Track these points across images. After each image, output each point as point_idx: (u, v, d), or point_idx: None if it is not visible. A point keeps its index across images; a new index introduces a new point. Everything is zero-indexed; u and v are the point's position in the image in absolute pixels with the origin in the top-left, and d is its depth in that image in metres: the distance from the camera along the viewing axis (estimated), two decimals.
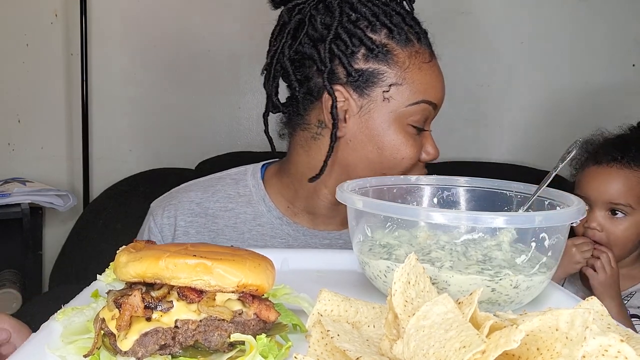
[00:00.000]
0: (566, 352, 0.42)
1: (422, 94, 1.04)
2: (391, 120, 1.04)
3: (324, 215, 1.14)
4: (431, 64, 1.08)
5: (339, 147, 1.06)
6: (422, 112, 1.05)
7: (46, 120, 2.48)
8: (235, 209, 1.15)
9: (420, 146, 1.07)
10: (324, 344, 0.53)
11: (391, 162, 1.04)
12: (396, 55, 1.04)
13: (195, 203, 1.15)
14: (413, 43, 1.06)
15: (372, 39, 1.03)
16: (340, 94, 1.04)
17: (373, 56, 1.03)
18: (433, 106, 1.07)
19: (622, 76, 2.61)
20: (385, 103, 1.03)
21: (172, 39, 2.48)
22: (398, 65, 1.04)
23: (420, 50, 1.07)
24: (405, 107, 1.04)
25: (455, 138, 2.62)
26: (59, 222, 2.47)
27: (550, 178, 0.86)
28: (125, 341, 0.54)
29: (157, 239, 1.13)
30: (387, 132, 1.04)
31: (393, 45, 1.04)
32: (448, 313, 0.47)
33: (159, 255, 0.56)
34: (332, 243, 1.15)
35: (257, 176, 1.18)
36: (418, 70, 1.05)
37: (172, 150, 2.51)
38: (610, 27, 2.58)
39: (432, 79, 1.07)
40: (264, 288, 0.58)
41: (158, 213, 1.15)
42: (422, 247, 0.78)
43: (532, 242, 0.75)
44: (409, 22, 1.07)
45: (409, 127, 1.05)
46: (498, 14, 2.56)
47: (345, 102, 1.04)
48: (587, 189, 1.58)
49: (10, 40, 2.41)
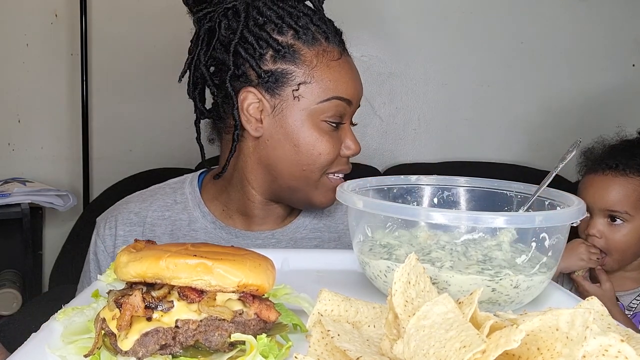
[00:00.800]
0: (566, 352, 0.42)
1: (332, 90, 1.06)
2: (304, 118, 1.07)
3: (257, 216, 1.17)
4: (340, 61, 1.09)
5: (259, 147, 1.10)
6: (336, 108, 1.07)
7: (46, 120, 2.48)
8: (172, 216, 1.19)
9: (337, 141, 1.09)
10: (324, 343, 0.53)
11: (309, 159, 1.07)
12: (303, 54, 1.07)
13: (133, 213, 1.19)
14: (320, 42, 1.08)
15: (279, 41, 1.07)
16: (253, 95, 1.08)
17: (280, 57, 1.06)
18: (346, 102, 1.08)
19: (622, 76, 2.61)
20: (296, 101, 1.06)
21: (172, 39, 2.47)
22: (305, 64, 1.07)
23: (328, 49, 1.08)
24: (316, 105, 1.06)
25: (455, 138, 2.63)
26: (59, 222, 2.48)
27: (551, 178, 0.86)
28: (125, 341, 0.54)
29: (100, 249, 1.18)
30: (302, 130, 1.07)
31: (300, 45, 1.07)
32: (448, 313, 0.47)
33: (159, 255, 0.56)
34: (265, 243, 1.17)
35: (194, 184, 1.23)
36: (326, 68, 1.07)
37: (172, 150, 2.51)
38: (610, 27, 2.58)
39: (342, 75, 1.08)
40: (264, 288, 0.58)
41: (101, 225, 1.21)
42: (422, 247, 0.78)
43: (532, 242, 0.75)
44: (316, 22, 1.09)
45: (324, 123, 1.07)
46: (498, 14, 2.57)
47: (259, 103, 1.08)
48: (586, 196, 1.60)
49: (10, 40, 2.42)
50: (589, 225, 1.59)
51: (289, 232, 1.19)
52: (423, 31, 2.54)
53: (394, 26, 2.44)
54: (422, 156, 2.60)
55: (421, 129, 2.61)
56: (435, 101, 2.60)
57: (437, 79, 2.59)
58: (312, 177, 1.08)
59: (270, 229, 1.19)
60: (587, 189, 1.62)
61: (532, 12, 2.57)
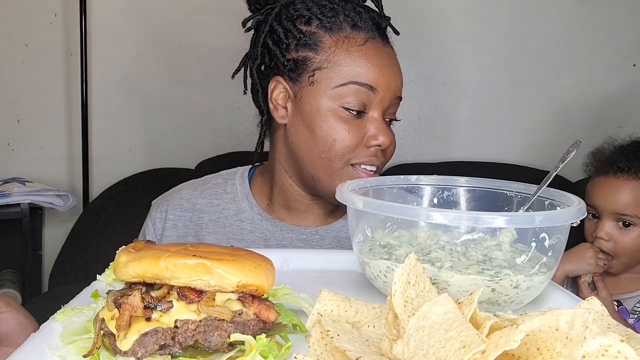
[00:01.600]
0: (566, 352, 0.42)
1: (350, 75, 1.06)
2: (321, 104, 1.07)
3: (298, 210, 1.19)
4: (364, 47, 1.07)
5: (287, 135, 1.13)
6: (355, 94, 1.06)
7: (46, 120, 2.48)
8: (220, 204, 1.22)
9: (359, 130, 1.07)
10: (324, 344, 0.53)
11: (324, 146, 1.07)
12: (323, 41, 1.08)
13: (185, 199, 1.23)
14: (344, 29, 1.08)
15: (302, 30, 1.09)
16: (280, 84, 1.11)
17: (302, 45, 1.09)
18: (367, 88, 1.06)
19: (622, 76, 2.61)
20: (312, 87, 1.08)
21: (172, 39, 2.48)
22: (324, 51, 1.08)
23: (352, 35, 1.08)
24: (331, 90, 1.06)
25: (455, 138, 2.63)
26: (59, 222, 2.48)
27: (551, 178, 0.86)
28: (124, 341, 0.54)
29: (150, 231, 1.23)
30: (317, 115, 1.07)
31: (321, 33, 1.08)
32: (448, 313, 0.47)
33: (158, 255, 0.56)
34: (308, 238, 1.19)
35: (244, 176, 1.26)
36: (345, 53, 1.07)
37: (172, 150, 2.51)
38: (610, 28, 2.58)
39: (364, 60, 1.07)
40: (263, 288, 0.58)
41: (154, 208, 1.25)
42: (422, 247, 0.78)
43: (532, 242, 0.75)
44: (348, 12, 1.09)
45: (343, 110, 1.06)
46: (498, 14, 2.57)
47: (285, 91, 1.11)
48: (595, 199, 1.59)
49: (10, 40, 2.41)
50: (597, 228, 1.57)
51: (334, 230, 1.20)
52: (423, 31, 2.54)
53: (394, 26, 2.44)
54: (422, 156, 2.60)
55: (421, 129, 2.61)
56: (435, 101, 2.60)
57: (437, 79, 2.58)
58: (333, 166, 1.07)
59: (315, 225, 1.20)
60: (597, 191, 1.60)
61: (532, 12, 2.57)
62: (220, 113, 2.51)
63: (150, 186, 2.25)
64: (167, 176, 2.29)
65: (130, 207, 2.21)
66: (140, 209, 1.33)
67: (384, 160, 1.12)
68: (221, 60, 2.45)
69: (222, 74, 2.48)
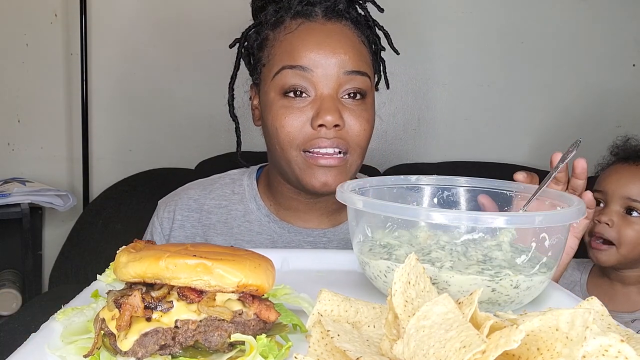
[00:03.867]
0: (566, 352, 0.42)
1: (281, 61, 1.06)
2: (267, 97, 1.08)
3: (298, 210, 1.18)
4: (296, 31, 1.06)
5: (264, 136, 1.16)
6: (291, 78, 1.04)
7: (46, 120, 2.48)
8: (228, 206, 1.21)
9: (299, 114, 1.04)
10: (324, 344, 0.53)
11: (275, 136, 1.06)
12: (267, 39, 1.11)
13: (193, 200, 1.22)
14: (284, 21, 1.09)
15: (260, 35, 1.12)
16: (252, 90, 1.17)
17: (256, 48, 1.13)
18: (299, 69, 1.03)
19: (622, 76, 2.61)
20: (260, 84, 1.12)
21: (172, 39, 2.48)
22: (267, 48, 1.10)
23: (288, 24, 1.08)
24: (271, 81, 1.07)
25: (455, 138, 2.63)
26: (59, 222, 2.48)
27: (551, 178, 0.86)
28: (125, 341, 0.54)
29: (157, 231, 1.21)
30: (266, 109, 1.09)
31: (268, 32, 1.11)
32: (448, 313, 0.47)
33: (159, 255, 0.56)
34: (316, 241, 1.18)
35: (252, 177, 1.25)
36: (279, 43, 1.08)
37: (172, 150, 2.51)
38: (610, 28, 2.58)
39: (293, 44, 1.05)
40: (264, 288, 0.58)
41: (161, 208, 1.24)
42: (422, 247, 0.78)
43: (532, 242, 0.75)
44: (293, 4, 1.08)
45: (283, 97, 1.05)
46: (498, 14, 2.56)
47: (255, 96, 1.16)
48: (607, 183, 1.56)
49: (10, 40, 2.41)
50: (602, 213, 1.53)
51: (341, 232, 1.20)
52: (423, 31, 2.54)
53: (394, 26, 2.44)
54: (422, 156, 2.60)
55: (421, 129, 2.61)
56: (435, 101, 2.60)
57: (437, 79, 2.58)
58: (289, 157, 1.05)
59: (322, 227, 1.20)
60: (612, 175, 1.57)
61: (532, 12, 2.57)
62: (220, 113, 2.49)
63: (150, 186, 2.25)
64: (167, 176, 2.29)
65: (130, 207, 2.21)
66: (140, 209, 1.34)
67: (344, 142, 1.04)
68: (221, 61, 2.44)
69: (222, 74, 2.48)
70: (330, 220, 1.20)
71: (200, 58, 2.47)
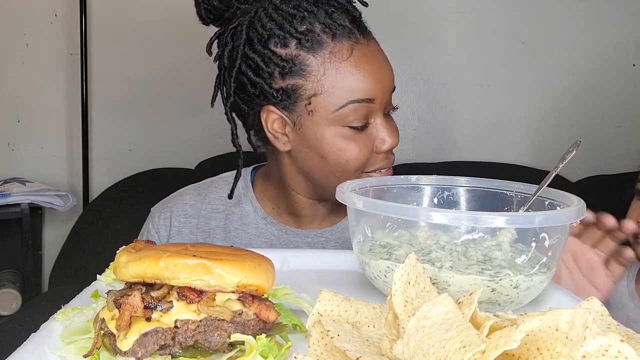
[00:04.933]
0: (566, 352, 0.42)
1: (346, 95, 1.01)
2: (324, 129, 1.02)
3: (305, 216, 1.18)
4: (352, 58, 1.01)
5: (292, 159, 1.09)
6: (356, 112, 1.01)
7: (46, 120, 2.48)
8: (226, 210, 1.20)
9: (367, 141, 1.04)
10: (324, 344, 0.53)
11: (338, 167, 1.04)
12: (309, 64, 1.01)
13: (189, 205, 1.20)
14: (326, 44, 1.01)
15: (282, 55, 1.01)
16: (273, 113, 1.05)
17: (287, 72, 1.02)
18: (367, 102, 1.02)
19: (622, 76, 2.61)
20: (311, 115, 1.02)
21: (172, 39, 2.48)
22: (313, 75, 1.01)
23: (336, 49, 1.01)
24: (332, 114, 1.01)
25: (455, 138, 2.63)
26: (59, 222, 2.48)
27: (551, 178, 0.86)
28: (125, 341, 0.54)
29: (154, 238, 1.19)
30: (323, 141, 1.03)
31: (304, 55, 1.01)
32: (448, 313, 0.47)
33: (158, 255, 0.56)
34: (314, 241, 1.18)
35: (246, 179, 1.22)
36: (336, 72, 1.01)
37: (172, 150, 2.51)
38: (610, 28, 2.58)
39: (355, 75, 1.01)
40: (264, 288, 0.58)
41: (156, 215, 1.22)
42: (422, 247, 0.78)
43: (532, 242, 0.75)
44: (322, 18, 1.02)
45: (346, 129, 1.02)
46: (498, 14, 2.56)
47: (280, 119, 1.05)
48: None
49: (10, 40, 2.41)
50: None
51: (338, 231, 1.19)
52: (423, 31, 2.54)
53: (393, 26, 2.44)
54: (422, 156, 2.60)
55: (421, 129, 2.61)
56: (435, 101, 2.60)
57: (437, 79, 2.58)
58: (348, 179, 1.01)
59: (320, 227, 1.19)
60: None
61: (532, 12, 2.57)
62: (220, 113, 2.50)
63: (150, 186, 2.25)
64: (167, 176, 2.29)
65: (130, 207, 2.21)
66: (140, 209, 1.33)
67: (393, 157, 1.09)
68: None
69: None
70: (327, 220, 1.20)
71: (200, 58, 2.46)
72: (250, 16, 1.04)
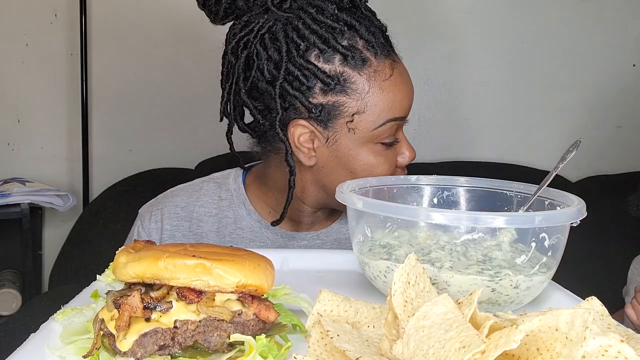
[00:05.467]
0: (566, 352, 0.42)
1: (386, 113, 1.03)
2: (360, 146, 1.03)
3: (305, 222, 1.17)
4: (392, 78, 1.04)
5: (313, 172, 1.07)
6: (391, 129, 1.04)
7: (46, 120, 2.48)
8: (219, 214, 1.17)
9: (393, 156, 1.07)
10: (324, 344, 0.53)
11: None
12: (354, 82, 1.01)
13: (180, 207, 1.17)
14: (370, 62, 1.02)
15: (326, 72, 1.00)
16: (303, 127, 1.03)
17: (331, 89, 1.00)
18: (401, 119, 1.06)
19: (623, 76, 2.61)
20: (351, 133, 1.02)
21: (172, 39, 2.48)
22: (357, 93, 1.01)
23: (379, 68, 1.02)
24: (371, 132, 1.02)
25: (455, 138, 2.63)
26: (59, 222, 2.48)
27: (551, 178, 0.86)
28: (124, 342, 0.54)
29: None
30: (357, 157, 1.03)
31: (349, 72, 1.00)
32: (448, 313, 0.47)
33: (158, 255, 0.56)
34: (310, 244, 1.17)
35: (238, 180, 1.19)
36: (379, 92, 1.02)
37: (172, 150, 2.51)
38: (610, 27, 2.58)
39: (395, 94, 1.04)
40: (263, 288, 0.58)
41: (146, 218, 1.18)
42: (422, 248, 0.78)
43: (532, 242, 0.75)
44: (363, 34, 1.01)
45: (379, 145, 1.04)
46: (498, 14, 2.56)
47: (311, 134, 1.03)
48: None
49: (10, 40, 2.41)
50: None
51: (333, 232, 1.19)
52: (423, 31, 2.54)
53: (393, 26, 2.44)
54: (422, 156, 2.58)
55: (421, 129, 2.61)
56: (435, 101, 2.60)
57: (437, 79, 2.58)
58: None
59: (315, 230, 1.18)
60: None
61: (532, 12, 2.57)
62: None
63: (150, 186, 2.24)
64: (167, 176, 2.29)
65: (130, 207, 2.19)
66: None
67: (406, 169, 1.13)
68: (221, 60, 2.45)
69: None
70: (322, 224, 1.19)
71: (200, 58, 2.47)
72: (282, 23, 1.01)
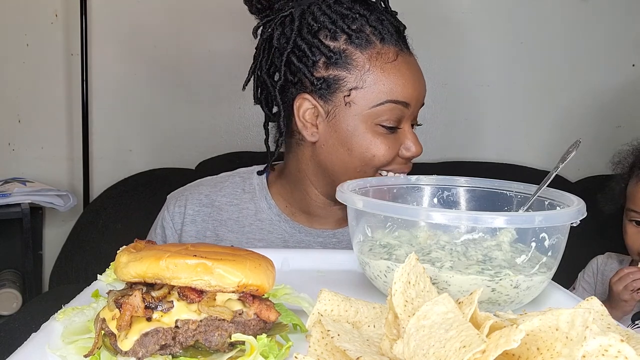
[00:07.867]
0: (566, 352, 0.42)
1: (386, 94, 1.06)
2: (357, 123, 1.06)
3: (318, 215, 1.20)
4: (396, 62, 1.08)
5: (317, 151, 1.11)
6: (391, 112, 1.06)
7: (46, 120, 2.48)
8: (240, 204, 1.22)
9: (394, 143, 1.08)
10: (324, 343, 0.53)
11: (362, 161, 1.07)
12: (355, 59, 1.06)
13: (204, 195, 1.23)
14: (374, 44, 1.07)
15: (330, 47, 1.06)
16: (308, 101, 1.09)
17: (332, 63, 1.07)
18: (402, 105, 1.07)
19: (622, 76, 2.61)
20: (348, 107, 1.07)
21: (172, 39, 2.48)
22: (357, 69, 1.06)
23: (383, 51, 1.07)
24: (369, 109, 1.06)
25: (455, 138, 2.63)
26: (59, 222, 2.47)
27: (551, 178, 0.86)
28: (125, 341, 0.54)
29: (168, 225, 1.22)
30: (355, 134, 1.07)
31: (352, 50, 1.07)
32: (448, 313, 0.47)
33: (159, 255, 0.56)
34: (326, 241, 1.20)
35: (262, 176, 1.25)
36: (380, 72, 1.06)
37: (172, 150, 2.51)
38: (610, 27, 2.58)
39: (398, 77, 1.07)
40: (264, 288, 0.58)
41: (171, 203, 1.24)
42: (422, 247, 0.78)
43: (532, 242, 0.75)
44: (372, 22, 1.08)
45: (379, 127, 1.07)
46: (498, 14, 2.56)
47: (314, 109, 1.09)
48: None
49: (10, 40, 2.41)
50: None
51: None
52: (423, 31, 2.54)
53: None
54: (422, 156, 2.58)
55: (421, 129, 2.60)
56: (435, 101, 2.60)
57: (437, 79, 2.58)
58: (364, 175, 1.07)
59: (332, 228, 1.21)
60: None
61: (532, 12, 2.57)
62: (220, 113, 2.51)
63: (150, 186, 2.25)
64: (167, 176, 2.29)
65: (130, 207, 2.21)
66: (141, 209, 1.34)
67: (411, 165, 1.14)
68: (221, 61, 2.45)
69: (223, 75, 2.49)
70: (340, 223, 1.21)
71: (200, 58, 2.47)
72: (302, 8, 1.09)
